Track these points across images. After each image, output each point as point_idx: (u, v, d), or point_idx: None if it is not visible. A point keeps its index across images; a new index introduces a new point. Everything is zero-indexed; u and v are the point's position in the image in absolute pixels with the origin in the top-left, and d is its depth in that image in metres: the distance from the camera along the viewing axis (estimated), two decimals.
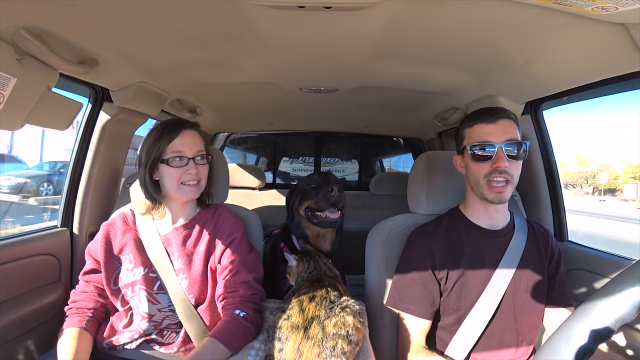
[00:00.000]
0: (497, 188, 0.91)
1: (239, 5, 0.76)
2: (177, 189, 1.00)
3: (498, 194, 0.92)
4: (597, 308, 0.50)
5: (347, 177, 3.08)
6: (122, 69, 1.15)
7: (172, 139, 0.98)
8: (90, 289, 1.02)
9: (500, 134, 0.91)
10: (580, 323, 0.50)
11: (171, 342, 0.99)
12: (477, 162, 0.94)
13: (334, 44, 0.98)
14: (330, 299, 0.90)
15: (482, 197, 0.95)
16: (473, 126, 0.96)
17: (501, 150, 0.91)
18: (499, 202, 0.93)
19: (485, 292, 0.94)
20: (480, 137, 0.93)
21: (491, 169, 0.91)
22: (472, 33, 0.88)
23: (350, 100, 1.62)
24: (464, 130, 0.99)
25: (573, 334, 0.50)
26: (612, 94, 1.07)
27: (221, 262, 1.01)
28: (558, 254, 1.02)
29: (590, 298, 0.52)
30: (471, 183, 0.98)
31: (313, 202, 1.26)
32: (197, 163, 1.00)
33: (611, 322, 0.49)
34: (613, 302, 0.49)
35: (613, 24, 0.72)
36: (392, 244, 1.10)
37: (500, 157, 0.90)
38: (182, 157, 0.99)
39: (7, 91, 0.83)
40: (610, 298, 0.50)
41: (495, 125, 0.92)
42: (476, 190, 0.96)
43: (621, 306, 0.49)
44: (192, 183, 1.00)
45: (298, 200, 1.32)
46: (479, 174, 0.94)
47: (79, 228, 1.36)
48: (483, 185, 0.93)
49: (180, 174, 0.98)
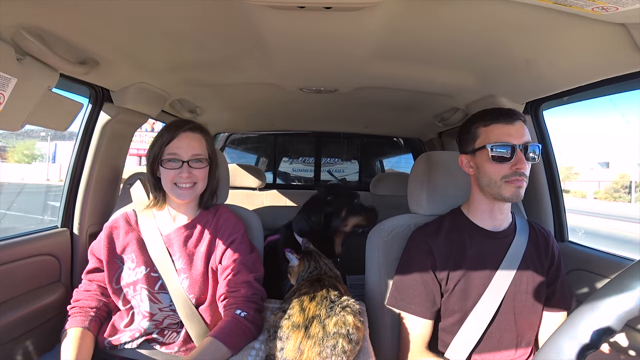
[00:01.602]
0: (516, 183, 0.90)
1: (239, 5, 0.76)
2: (171, 189, 1.01)
3: (517, 189, 0.90)
4: (602, 305, 0.50)
5: (347, 177, 3.08)
6: (122, 70, 1.15)
7: (170, 140, 0.99)
8: (94, 288, 1.03)
9: (519, 136, 0.90)
10: (584, 320, 0.50)
11: (172, 341, 1.00)
12: (496, 162, 0.91)
13: (334, 44, 0.98)
14: (330, 299, 0.90)
15: (496, 197, 0.93)
16: (489, 126, 0.93)
17: (521, 152, 0.89)
18: (516, 199, 0.91)
19: (486, 294, 0.94)
20: (499, 138, 0.91)
21: (511, 170, 0.89)
22: (473, 33, 0.88)
23: (351, 100, 1.62)
24: (477, 130, 0.95)
25: (577, 332, 0.50)
26: (612, 94, 1.07)
27: (222, 262, 1.01)
28: (558, 258, 1.02)
29: (595, 295, 0.52)
30: (483, 184, 0.95)
31: (363, 219, 1.53)
32: (191, 166, 1.00)
33: (616, 318, 0.49)
34: (618, 299, 0.49)
35: (613, 24, 0.72)
36: (392, 244, 1.10)
37: (521, 159, 0.89)
38: (176, 160, 0.99)
39: (7, 91, 0.83)
40: (616, 294, 0.50)
41: (514, 127, 0.91)
42: (491, 190, 0.93)
43: (627, 302, 0.49)
44: (185, 186, 1.00)
45: (344, 215, 1.54)
46: (496, 175, 0.91)
47: (79, 228, 1.36)
48: (500, 184, 0.91)
49: (174, 176, 0.99)
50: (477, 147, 0.95)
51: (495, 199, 0.94)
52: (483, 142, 0.93)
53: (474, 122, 0.97)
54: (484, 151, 0.92)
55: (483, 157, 0.93)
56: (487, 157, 0.92)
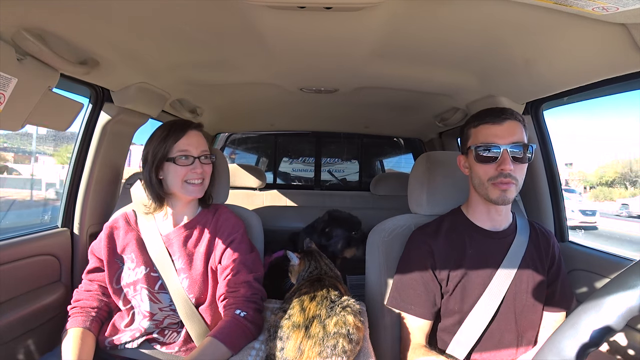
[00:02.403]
0: (502, 186, 0.89)
1: (239, 5, 0.76)
2: (182, 187, 1.01)
3: (502, 193, 0.89)
4: (604, 303, 0.50)
5: (348, 177, 3.08)
6: (122, 70, 1.15)
7: (179, 138, 1.00)
8: (95, 288, 1.03)
9: (506, 136, 0.89)
10: (585, 318, 0.50)
11: (172, 341, 1.00)
12: (481, 163, 0.92)
13: (334, 44, 0.98)
14: (330, 299, 0.90)
15: (486, 198, 0.94)
16: (478, 126, 0.94)
17: (506, 153, 0.88)
18: (503, 202, 0.91)
19: (486, 293, 0.94)
20: (485, 138, 0.91)
21: (496, 172, 0.89)
22: (473, 33, 0.88)
23: (351, 100, 1.62)
24: (469, 130, 0.97)
25: (578, 330, 0.50)
26: (612, 94, 1.07)
27: (221, 262, 1.01)
28: (558, 258, 1.02)
29: (597, 293, 0.52)
30: (475, 184, 0.96)
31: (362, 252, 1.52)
32: (202, 162, 1.02)
33: (618, 317, 0.49)
34: (621, 297, 0.49)
35: (613, 24, 0.72)
36: (392, 244, 1.10)
37: (505, 160, 0.88)
38: (188, 156, 1.00)
39: (7, 91, 0.83)
40: (618, 293, 0.50)
41: (501, 127, 0.90)
42: (480, 191, 0.95)
43: (629, 300, 0.49)
44: (196, 182, 1.02)
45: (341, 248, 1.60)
46: (483, 176, 0.92)
47: (79, 228, 1.36)
48: (487, 186, 0.92)
49: (186, 172, 1.00)
50: (467, 148, 0.96)
51: (485, 200, 0.95)
52: (472, 142, 0.95)
53: (468, 122, 0.99)
54: (472, 152, 0.94)
55: (471, 158, 0.95)
56: (473, 157, 0.94)
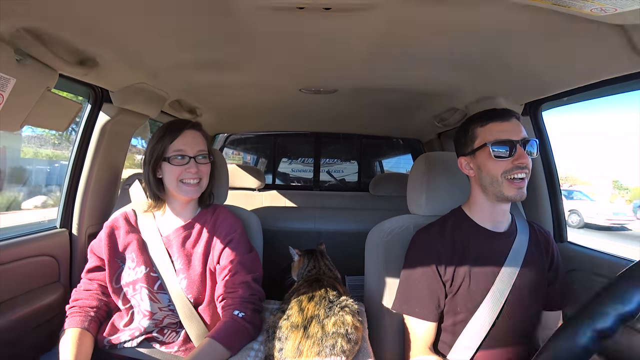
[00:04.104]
0: (518, 184, 0.91)
1: (238, 6, 0.76)
2: (177, 187, 1.01)
3: (519, 190, 0.91)
4: (601, 306, 0.50)
5: (347, 178, 3.08)
6: (121, 70, 1.15)
7: (174, 138, 1.00)
8: (94, 287, 1.03)
9: (517, 132, 0.92)
10: (582, 321, 0.50)
11: (171, 341, 0.99)
12: (498, 159, 0.92)
13: (333, 45, 0.98)
14: (329, 299, 0.90)
15: (499, 196, 0.93)
16: (486, 125, 0.94)
17: (521, 147, 0.91)
18: (520, 198, 0.92)
19: (490, 294, 0.94)
20: (498, 135, 0.92)
21: (512, 165, 0.90)
22: (471, 34, 0.89)
23: (350, 101, 1.62)
24: (474, 130, 0.96)
25: (576, 333, 0.50)
26: (611, 94, 1.07)
27: (220, 262, 1.01)
28: (557, 258, 1.02)
29: (593, 297, 0.52)
30: (485, 183, 0.95)
31: None
32: (198, 162, 1.02)
33: (613, 320, 0.49)
34: (617, 300, 0.49)
35: (611, 25, 0.72)
36: (391, 245, 1.10)
37: (522, 154, 0.90)
38: (183, 156, 1.00)
39: (6, 92, 0.83)
40: (614, 296, 0.49)
41: (510, 124, 0.92)
42: (493, 189, 0.94)
43: (625, 304, 0.49)
44: (192, 182, 1.01)
45: None
46: (497, 172, 0.92)
47: (78, 229, 1.36)
48: (502, 182, 0.92)
49: (181, 172, 1.00)
50: (476, 147, 0.95)
51: (497, 198, 0.94)
52: (482, 141, 0.94)
53: (470, 124, 0.98)
54: (485, 150, 0.93)
55: (484, 156, 0.93)
56: (487, 155, 0.92)
